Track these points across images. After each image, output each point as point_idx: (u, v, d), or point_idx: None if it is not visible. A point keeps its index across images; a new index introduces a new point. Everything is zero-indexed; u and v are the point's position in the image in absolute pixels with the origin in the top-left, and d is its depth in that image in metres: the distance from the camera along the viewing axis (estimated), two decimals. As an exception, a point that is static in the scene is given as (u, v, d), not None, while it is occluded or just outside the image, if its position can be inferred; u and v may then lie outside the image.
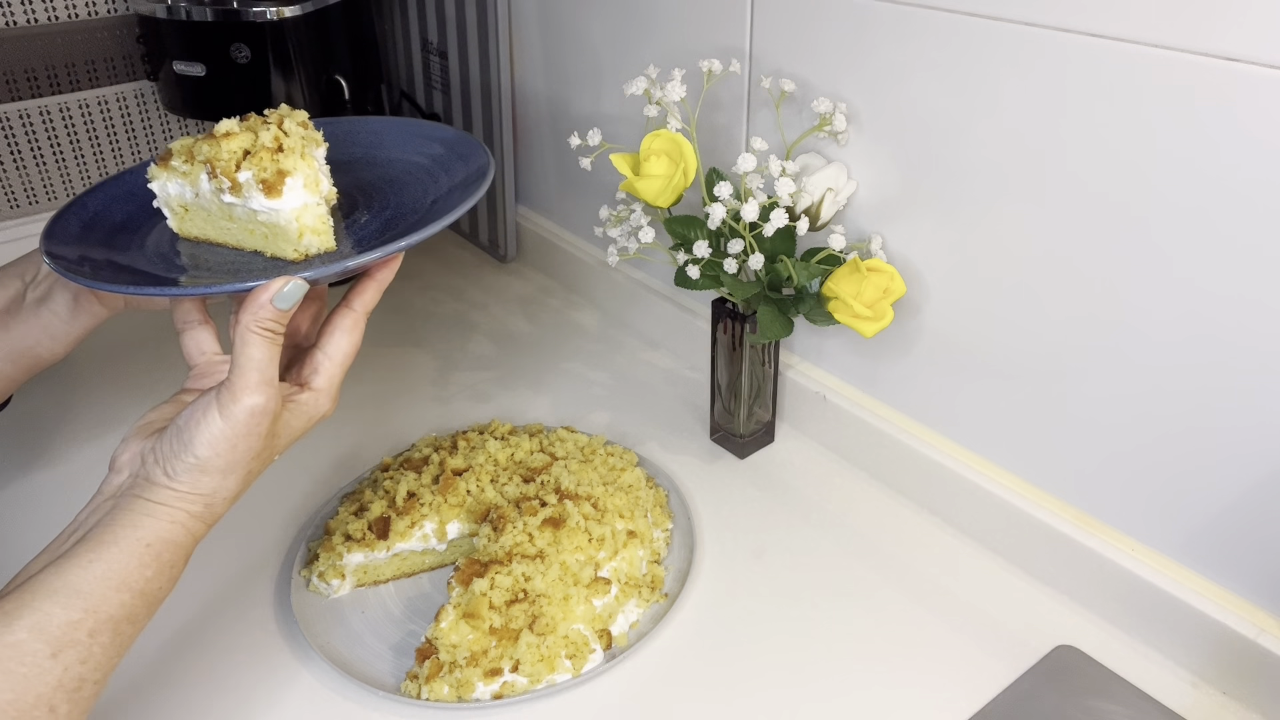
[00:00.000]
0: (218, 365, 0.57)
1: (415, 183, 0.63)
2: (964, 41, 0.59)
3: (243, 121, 0.56)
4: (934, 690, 0.60)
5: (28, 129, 1.07)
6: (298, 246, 0.55)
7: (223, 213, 0.56)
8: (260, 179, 0.53)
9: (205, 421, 0.49)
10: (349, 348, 0.54)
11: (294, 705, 0.60)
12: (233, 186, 0.54)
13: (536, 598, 0.61)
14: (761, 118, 0.76)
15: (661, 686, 0.61)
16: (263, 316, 0.49)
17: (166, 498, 0.49)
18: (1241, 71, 0.48)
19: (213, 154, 0.54)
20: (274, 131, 0.55)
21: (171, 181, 0.57)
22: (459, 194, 0.58)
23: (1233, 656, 0.57)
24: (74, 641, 0.44)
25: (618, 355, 0.96)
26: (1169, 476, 0.59)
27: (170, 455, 0.49)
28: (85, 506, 0.51)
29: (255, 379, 0.49)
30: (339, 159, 0.59)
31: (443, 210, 0.56)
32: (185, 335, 0.57)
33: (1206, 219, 0.52)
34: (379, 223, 0.59)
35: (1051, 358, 0.62)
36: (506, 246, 1.12)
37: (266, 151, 0.54)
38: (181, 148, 0.56)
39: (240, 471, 0.51)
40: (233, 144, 0.54)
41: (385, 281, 0.55)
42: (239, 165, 0.54)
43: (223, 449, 0.49)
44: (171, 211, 0.58)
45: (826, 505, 0.75)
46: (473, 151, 0.62)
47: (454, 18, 1.03)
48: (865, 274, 0.64)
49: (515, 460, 0.74)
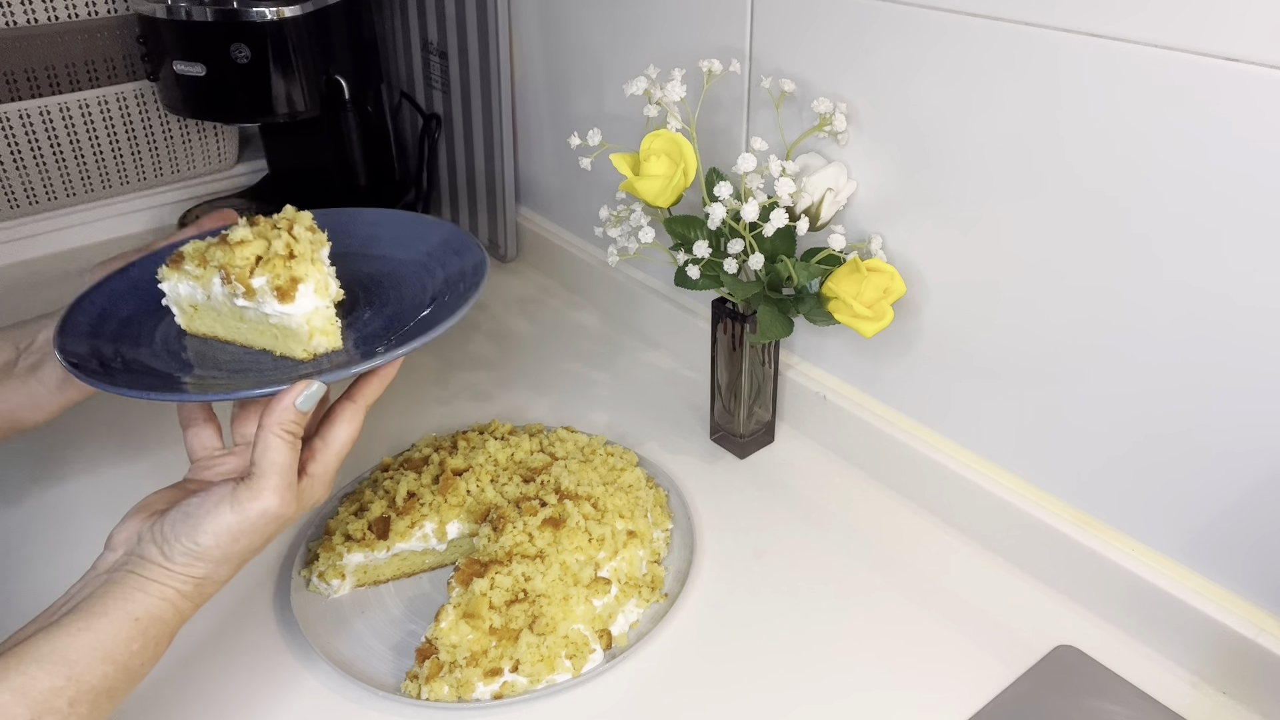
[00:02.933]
0: (219, 460, 0.58)
1: (413, 279, 0.65)
2: (964, 41, 0.59)
3: (253, 226, 0.58)
4: (934, 690, 0.60)
5: (28, 129, 1.07)
6: (307, 347, 0.57)
7: (234, 314, 0.58)
8: (275, 285, 0.55)
9: (217, 513, 0.50)
10: (347, 438, 0.56)
11: (294, 705, 0.60)
12: (247, 292, 0.56)
13: (536, 598, 0.61)
14: (761, 118, 0.76)
15: (661, 686, 0.61)
16: (286, 419, 0.51)
17: (159, 575, 0.50)
18: (1241, 71, 0.48)
19: (227, 260, 0.56)
20: (286, 238, 0.57)
21: (183, 283, 0.59)
22: (458, 292, 0.61)
23: (1233, 656, 0.57)
24: (54, 709, 0.45)
25: (618, 355, 0.96)
26: (1169, 476, 0.59)
27: (172, 537, 0.51)
28: (78, 581, 0.51)
29: (276, 482, 0.51)
30: (335, 251, 0.61)
31: (445, 311, 0.59)
32: (189, 431, 0.58)
33: (1206, 220, 0.52)
34: (381, 320, 0.62)
35: (1051, 358, 0.62)
36: (506, 246, 1.12)
37: (280, 259, 0.56)
38: (195, 251, 0.58)
39: (235, 563, 0.52)
40: (246, 251, 0.56)
41: (389, 379, 0.57)
42: (253, 271, 0.56)
43: (225, 541, 0.51)
44: (181, 310, 0.60)
45: (826, 505, 0.75)
46: (467, 247, 0.65)
47: (454, 18, 1.03)
48: (865, 274, 0.64)
49: (515, 460, 0.74)
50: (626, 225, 0.74)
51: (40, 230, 1.14)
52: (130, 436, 0.84)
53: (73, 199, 1.15)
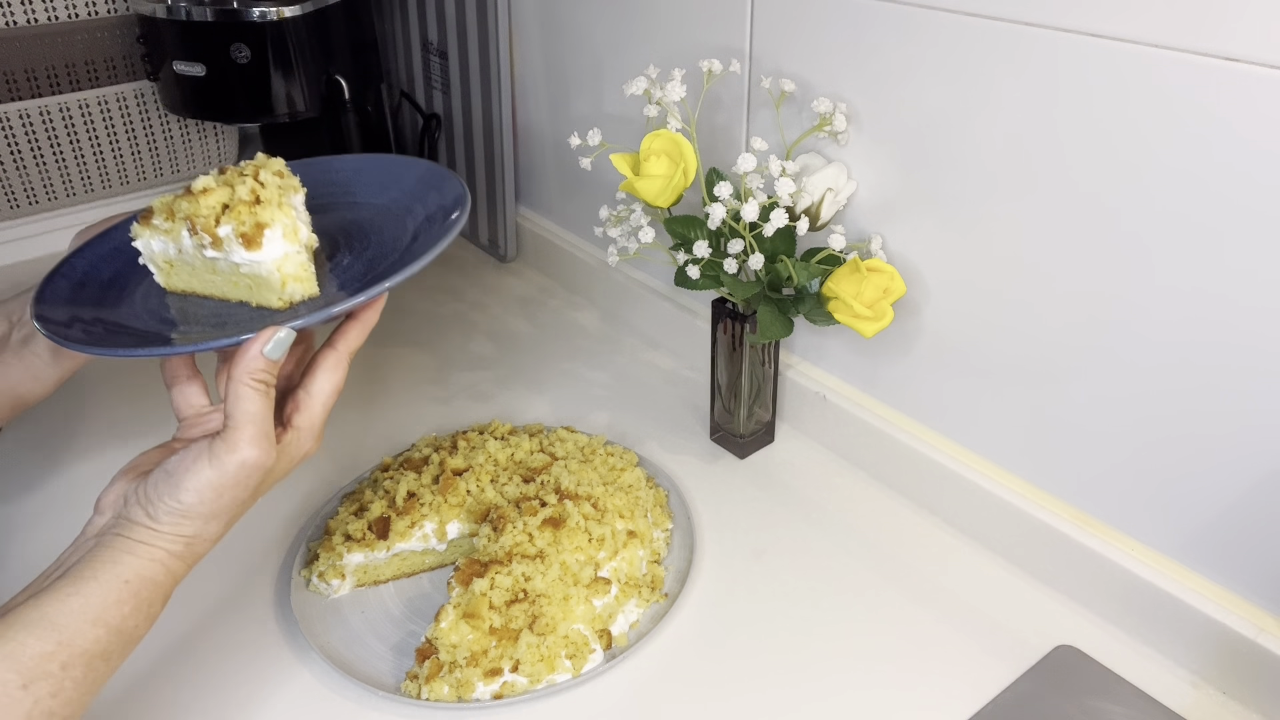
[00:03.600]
0: (206, 417, 0.57)
1: (394, 219, 0.63)
2: (964, 41, 0.59)
3: (220, 175, 0.56)
4: (934, 690, 0.60)
5: (28, 129, 1.07)
6: (282, 295, 0.56)
7: (206, 266, 0.57)
8: (239, 233, 0.54)
9: (195, 469, 0.50)
10: (331, 387, 0.55)
11: (294, 705, 0.60)
12: (213, 241, 0.54)
13: (536, 598, 0.61)
14: (761, 118, 0.76)
15: (661, 686, 0.61)
16: (255, 368, 0.50)
17: (147, 537, 0.50)
18: (1241, 71, 0.48)
19: (191, 210, 0.55)
20: (250, 184, 0.55)
21: (155, 239, 0.57)
22: (438, 227, 0.59)
23: (1233, 656, 0.57)
24: (46, 673, 0.45)
25: (618, 355, 0.96)
26: (1169, 476, 0.59)
27: (155, 497, 0.50)
28: (69, 546, 0.51)
29: (251, 432, 0.50)
30: (317, 201, 0.60)
31: (423, 247, 0.57)
32: (174, 390, 0.57)
33: (1206, 220, 0.52)
34: (362, 264, 0.60)
35: (1051, 358, 0.62)
36: (506, 246, 1.12)
37: (244, 205, 0.54)
38: (162, 205, 0.57)
39: (224, 518, 0.52)
40: (210, 199, 0.54)
41: (370, 322, 0.56)
42: (218, 220, 0.54)
43: (208, 497, 0.50)
44: (157, 267, 0.59)
45: (826, 505, 0.75)
46: (446, 182, 0.63)
47: (454, 18, 1.03)
48: (865, 274, 0.64)
49: (515, 460, 0.74)
50: (626, 225, 0.74)
51: (40, 230, 1.14)
52: (130, 422, 0.84)
53: (73, 199, 1.15)
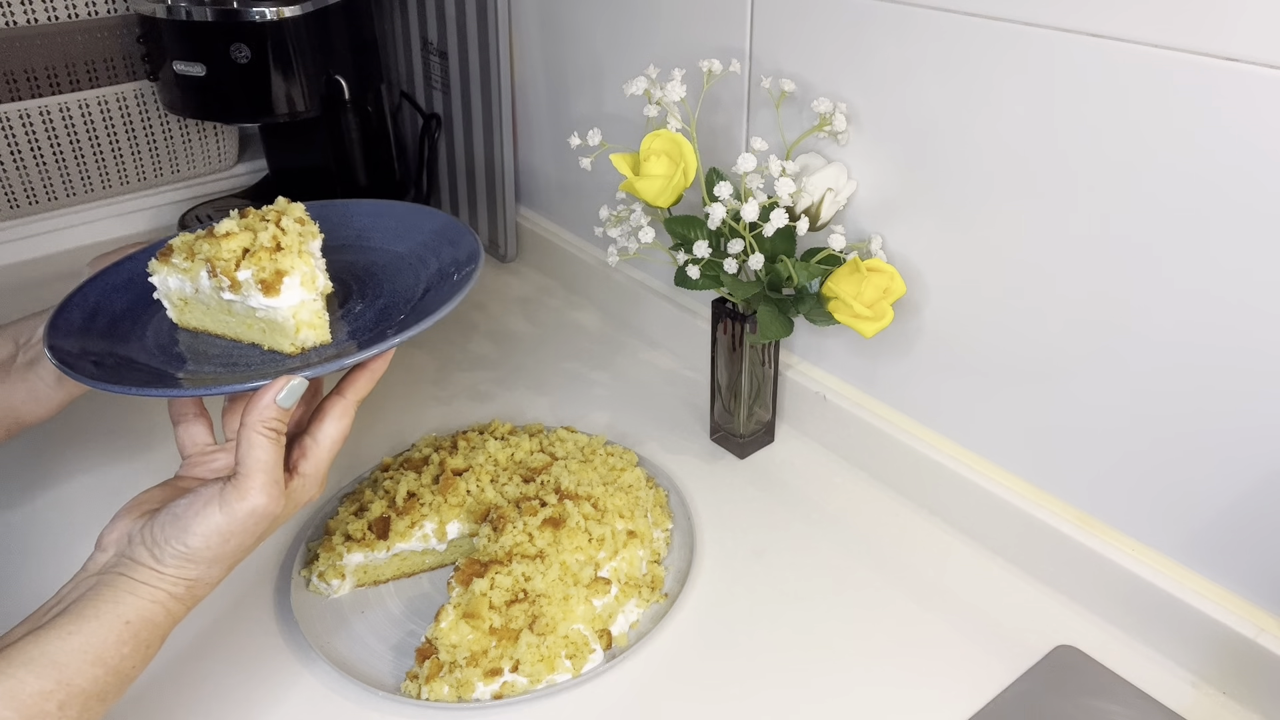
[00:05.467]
0: (211, 456, 0.58)
1: (407, 269, 0.64)
2: (964, 41, 0.59)
3: (242, 219, 0.57)
4: (934, 690, 0.60)
5: (28, 129, 1.07)
6: (294, 340, 0.56)
7: (222, 308, 0.58)
8: (259, 279, 0.55)
9: (205, 514, 0.50)
10: (338, 434, 0.55)
11: (294, 705, 0.60)
12: (232, 285, 0.55)
13: (536, 598, 0.61)
14: (761, 118, 0.76)
15: (661, 686, 0.61)
16: (267, 416, 0.51)
17: (150, 578, 0.50)
18: (1241, 71, 0.48)
19: (213, 253, 0.55)
20: (272, 230, 0.56)
21: (172, 276, 0.58)
22: (450, 282, 0.60)
23: (1233, 656, 0.57)
24: (43, 712, 0.45)
25: (618, 355, 0.96)
26: (1169, 477, 0.59)
27: (162, 540, 0.50)
28: (68, 582, 0.51)
29: (262, 480, 0.50)
30: (331, 244, 0.60)
31: (435, 302, 0.58)
32: (180, 428, 0.58)
33: (1207, 220, 0.52)
34: (373, 312, 0.61)
35: (1052, 358, 0.62)
36: (506, 246, 1.12)
37: (265, 251, 0.55)
38: (182, 244, 0.58)
39: (227, 562, 0.52)
40: (232, 243, 0.55)
41: (379, 371, 0.56)
42: (238, 264, 0.55)
43: (215, 542, 0.50)
44: (171, 304, 0.60)
45: (826, 505, 0.75)
46: (461, 236, 0.64)
47: (454, 18, 1.03)
48: (865, 274, 0.64)
49: (515, 460, 0.74)
50: (626, 225, 0.74)
51: (40, 230, 1.14)
52: (130, 437, 0.84)
53: (73, 199, 1.15)
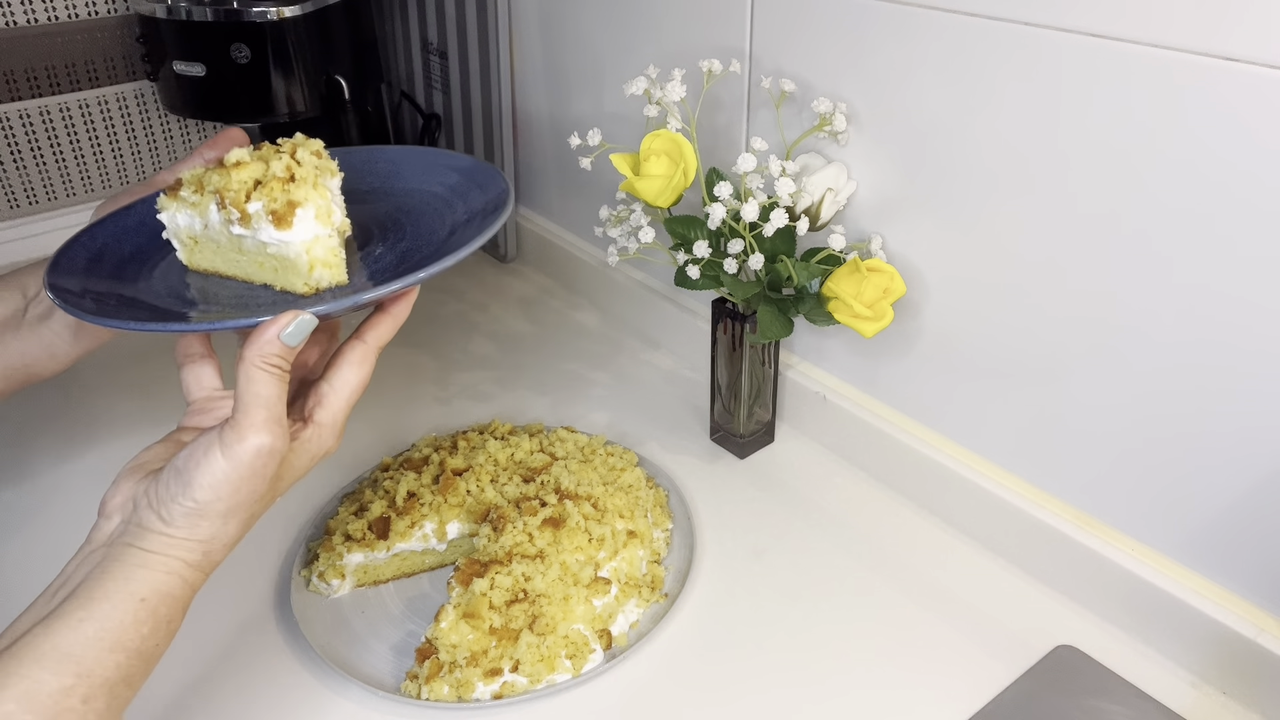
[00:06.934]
0: (218, 402, 0.53)
1: (432, 213, 0.61)
2: (964, 41, 0.59)
3: (255, 150, 0.53)
4: (934, 690, 0.60)
5: (28, 129, 1.07)
6: (308, 280, 0.53)
7: (232, 245, 0.54)
8: (270, 209, 0.51)
9: (206, 461, 0.46)
10: (357, 382, 0.51)
11: (293, 705, 0.60)
12: (242, 217, 0.52)
13: (536, 598, 0.61)
14: (761, 118, 0.76)
15: (661, 686, 0.61)
16: (269, 352, 0.47)
17: (162, 545, 0.46)
18: (1242, 71, 0.48)
19: (222, 184, 0.52)
20: (286, 161, 0.52)
21: (181, 212, 0.54)
22: (476, 224, 0.56)
23: (1233, 656, 0.57)
24: (68, 709, 0.41)
25: (618, 355, 0.96)
26: (1169, 477, 0.59)
27: (167, 498, 0.46)
28: (74, 557, 0.47)
29: (262, 417, 0.46)
30: (355, 189, 0.57)
31: (460, 241, 0.54)
32: (186, 369, 0.54)
33: (1207, 220, 0.52)
34: (394, 255, 0.57)
35: (1051, 358, 0.62)
36: (506, 246, 1.12)
37: (277, 181, 0.52)
38: (192, 178, 0.54)
39: (241, 515, 0.48)
40: (243, 174, 0.52)
41: (402, 316, 0.52)
42: (249, 196, 0.51)
43: (224, 492, 0.46)
44: (181, 243, 0.56)
45: (826, 505, 0.75)
46: (491, 180, 0.60)
47: (454, 18, 1.03)
48: (865, 274, 0.64)
49: (515, 460, 0.74)
50: (626, 225, 0.74)
51: (40, 230, 1.14)
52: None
53: (73, 199, 1.15)
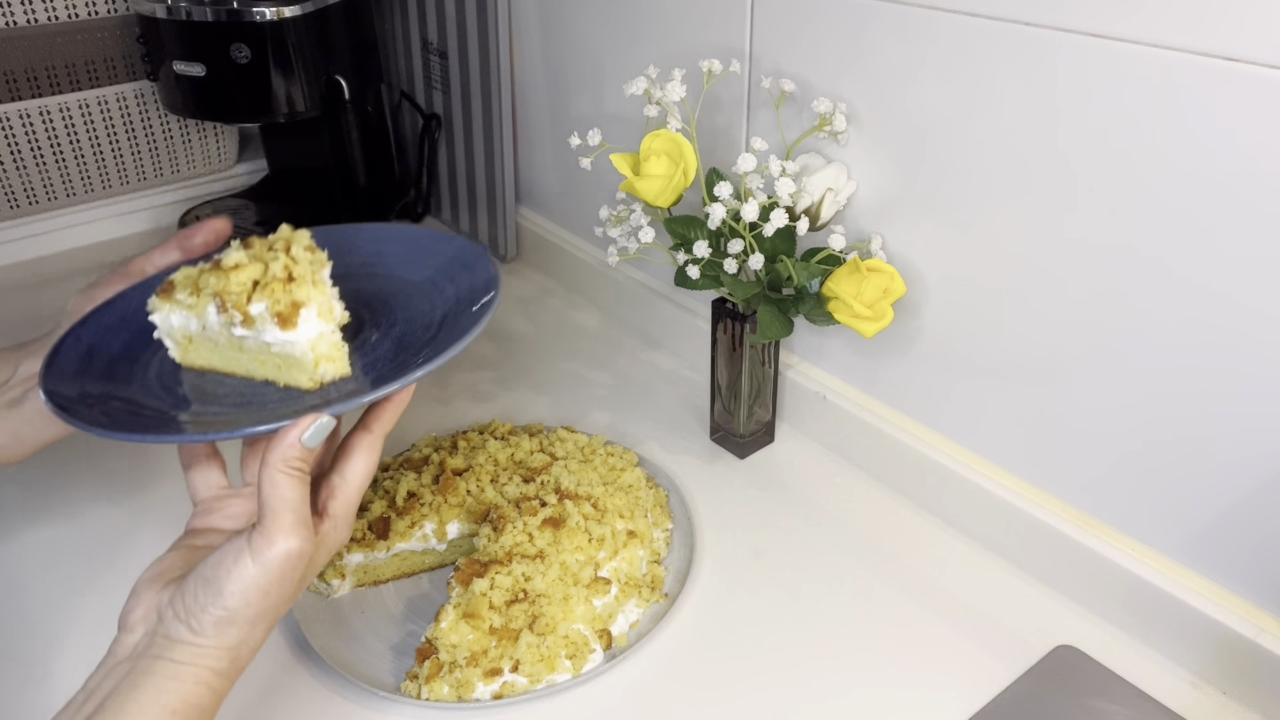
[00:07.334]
0: (225, 501, 0.54)
1: (420, 295, 0.60)
2: (964, 42, 0.59)
3: (247, 249, 0.53)
4: (934, 690, 0.60)
5: (28, 129, 1.07)
6: (313, 376, 0.53)
7: (232, 344, 0.54)
8: (275, 312, 0.51)
9: (237, 569, 0.46)
10: (366, 470, 0.52)
11: (293, 705, 0.60)
12: (245, 320, 0.51)
13: (536, 598, 0.61)
14: (761, 118, 0.76)
15: (661, 686, 0.61)
16: (291, 456, 0.47)
17: (191, 656, 0.45)
18: (1242, 71, 0.48)
19: (221, 287, 0.51)
20: (283, 260, 0.52)
21: (175, 313, 0.54)
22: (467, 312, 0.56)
23: (1233, 656, 0.57)
24: None
25: (618, 355, 0.96)
26: (1170, 477, 0.59)
27: (196, 609, 0.46)
28: (96, 671, 0.46)
29: (290, 521, 0.47)
30: (337, 270, 0.57)
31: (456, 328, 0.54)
32: (192, 472, 0.54)
33: (1208, 220, 0.52)
34: (390, 341, 0.57)
35: (1052, 358, 0.62)
36: (506, 246, 1.12)
37: (278, 282, 0.51)
38: (186, 279, 0.54)
39: (268, 619, 0.48)
40: (242, 276, 0.51)
41: (404, 404, 0.53)
42: (250, 297, 0.51)
43: (255, 598, 0.46)
44: (175, 343, 0.55)
45: (826, 505, 0.75)
46: (478, 260, 0.60)
47: (454, 18, 1.03)
48: (865, 274, 0.64)
49: (515, 460, 0.74)
50: (626, 225, 0.74)
51: (40, 230, 1.14)
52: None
53: (73, 199, 1.15)
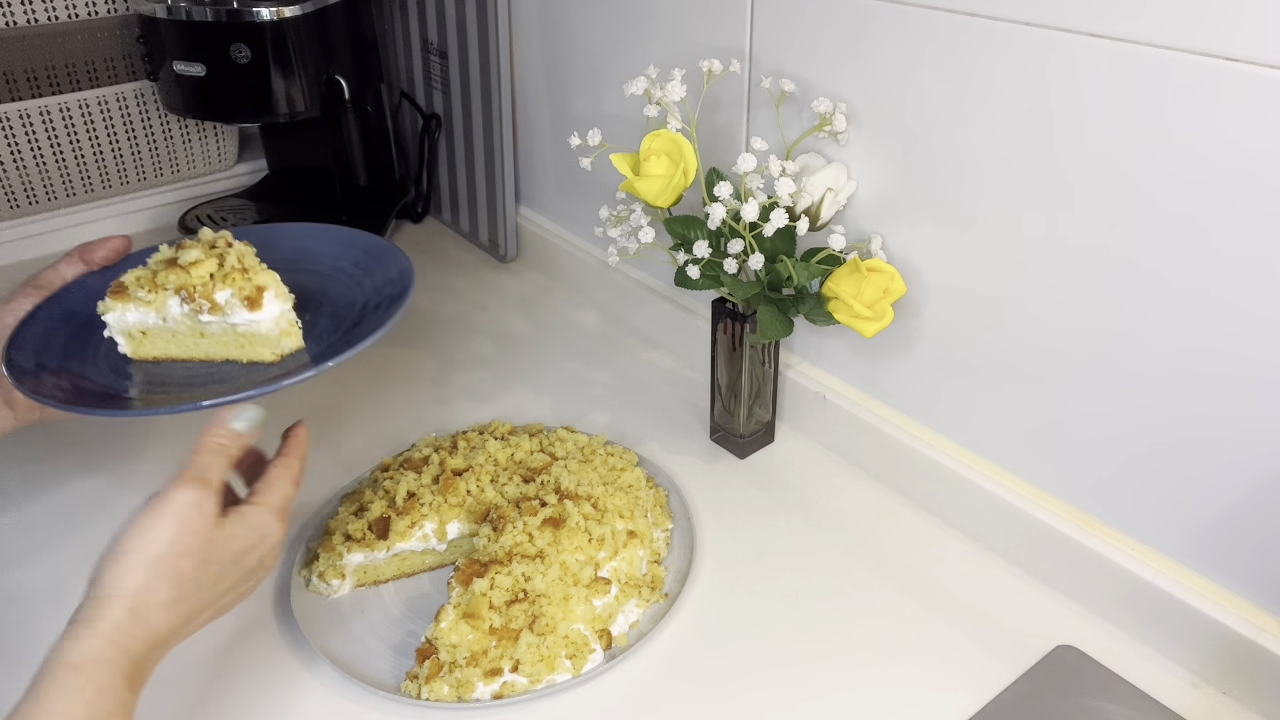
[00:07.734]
0: None
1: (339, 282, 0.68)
2: (964, 41, 0.59)
3: (194, 246, 0.60)
4: (934, 690, 0.60)
5: (28, 129, 1.07)
6: (275, 349, 0.61)
7: (192, 331, 0.61)
8: (244, 296, 0.59)
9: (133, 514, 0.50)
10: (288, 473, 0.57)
11: (294, 705, 0.60)
12: (212, 307, 0.59)
13: (536, 598, 0.61)
14: (761, 118, 0.76)
15: (661, 686, 0.61)
16: (220, 434, 0.53)
17: (90, 610, 0.47)
18: (1241, 71, 0.48)
19: (183, 281, 0.59)
20: (237, 250, 0.61)
21: (130, 311, 0.60)
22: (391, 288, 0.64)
23: (1233, 656, 0.57)
24: None
25: (618, 355, 0.96)
26: (1170, 477, 0.59)
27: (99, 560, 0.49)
28: None
29: (194, 476, 0.51)
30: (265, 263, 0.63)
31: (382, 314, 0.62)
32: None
33: (1207, 222, 0.52)
34: (327, 320, 0.65)
35: (1051, 359, 0.62)
36: (506, 246, 1.12)
37: (237, 272, 0.60)
38: (140, 278, 0.60)
39: (167, 571, 0.48)
40: (201, 270, 0.59)
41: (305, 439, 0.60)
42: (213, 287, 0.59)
43: (146, 543, 0.48)
44: (129, 338, 0.62)
45: (826, 505, 0.75)
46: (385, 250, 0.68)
47: (454, 18, 1.03)
48: (865, 274, 0.64)
49: (515, 460, 0.74)
50: (626, 225, 0.74)
51: (40, 230, 1.14)
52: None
53: (73, 199, 1.15)
